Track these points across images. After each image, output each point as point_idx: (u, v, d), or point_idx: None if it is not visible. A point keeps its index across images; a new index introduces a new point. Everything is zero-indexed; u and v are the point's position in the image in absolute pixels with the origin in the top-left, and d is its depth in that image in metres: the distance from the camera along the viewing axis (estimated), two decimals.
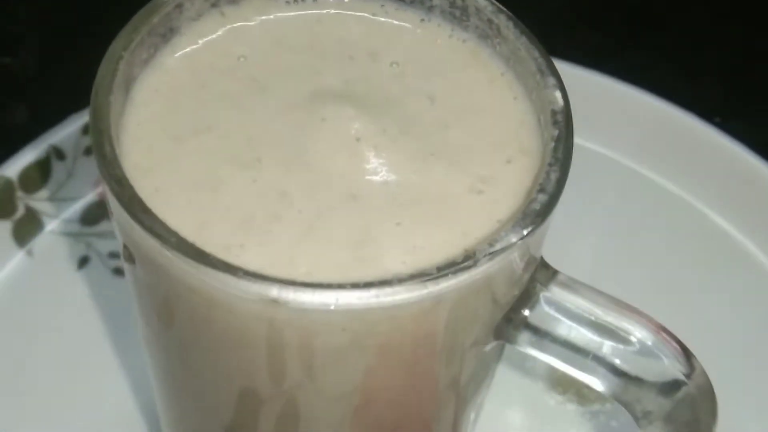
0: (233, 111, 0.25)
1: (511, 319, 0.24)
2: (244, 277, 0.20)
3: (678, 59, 0.53)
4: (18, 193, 0.42)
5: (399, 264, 0.22)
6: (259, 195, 0.23)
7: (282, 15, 0.27)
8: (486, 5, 0.26)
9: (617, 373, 0.24)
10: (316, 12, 0.27)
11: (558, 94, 0.24)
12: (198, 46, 0.26)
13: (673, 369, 0.24)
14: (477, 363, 0.26)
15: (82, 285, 0.41)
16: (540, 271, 0.24)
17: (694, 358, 0.25)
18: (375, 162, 0.24)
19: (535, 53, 0.25)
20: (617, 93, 0.47)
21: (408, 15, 0.27)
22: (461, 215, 0.23)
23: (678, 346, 0.24)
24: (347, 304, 0.20)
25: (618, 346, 0.24)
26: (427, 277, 0.20)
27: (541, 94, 0.24)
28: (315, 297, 0.20)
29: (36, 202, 0.42)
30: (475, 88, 0.26)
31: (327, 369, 0.23)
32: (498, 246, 0.21)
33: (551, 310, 0.24)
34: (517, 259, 0.22)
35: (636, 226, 0.44)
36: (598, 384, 0.24)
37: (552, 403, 0.39)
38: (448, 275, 0.21)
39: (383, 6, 0.27)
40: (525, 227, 0.21)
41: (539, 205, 0.22)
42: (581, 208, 0.43)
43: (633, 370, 0.24)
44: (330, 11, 0.27)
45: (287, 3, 0.27)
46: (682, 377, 0.24)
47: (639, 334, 0.24)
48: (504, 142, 0.25)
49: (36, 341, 0.39)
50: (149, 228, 0.21)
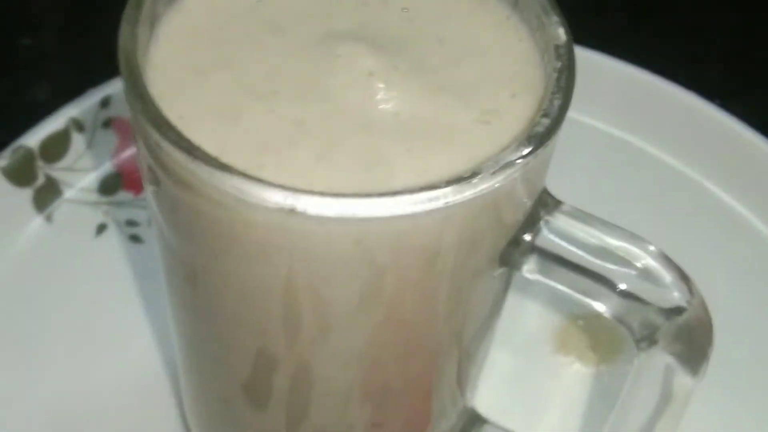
0: (251, 49, 0.26)
1: (517, 245, 0.25)
2: (263, 186, 0.21)
3: (679, 45, 0.54)
4: (38, 162, 0.43)
5: (409, 184, 0.23)
6: (277, 123, 0.24)
7: None
8: None
9: (621, 295, 0.25)
10: None
11: (561, 30, 0.25)
12: None
13: (675, 294, 0.25)
14: (484, 291, 0.27)
15: (99, 250, 0.42)
16: (545, 200, 0.25)
17: (694, 286, 0.26)
18: (386, 95, 0.25)
19: None
20: (619, 72, 0.48)
21: None
22: (468, 143, 0.24)
23: (680, 273, 0.25)
24: (360, 214, 0.21)
25: (622, 270, 0.25)
26: (436, 189, 0.22)
27: (545, 32, 0.26)
28: (330, 206, 0.21)
29: (55, 171, 0.43)
30: (482, 30, 0.27)
31: (339, 285, 0.24)
32: (503, 162, 0.22)
33: (556, 236, 0.25)
34: (522, 180, 0.23)
35: (631, 198, 0.46)
36: (601, 306, 0.25)
37: (556, 365, 0.40)
38: (455, 188, 0.22)
39: None
40: (529, 147, 0.23)
41: (542, 128, 0.23)
42: (585, 183, 0.44)
43: (637, 293, 0.25)
44: None
45: None
46: (683, 303, 0.25)
47: (644, 259, 0.25)
48: (509, 79, 0.26)
49: (55, 302, 0.40)
50: (175, 142, 0.22)
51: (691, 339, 0.25)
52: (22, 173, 0.42)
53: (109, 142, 0.45)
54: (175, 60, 0.26)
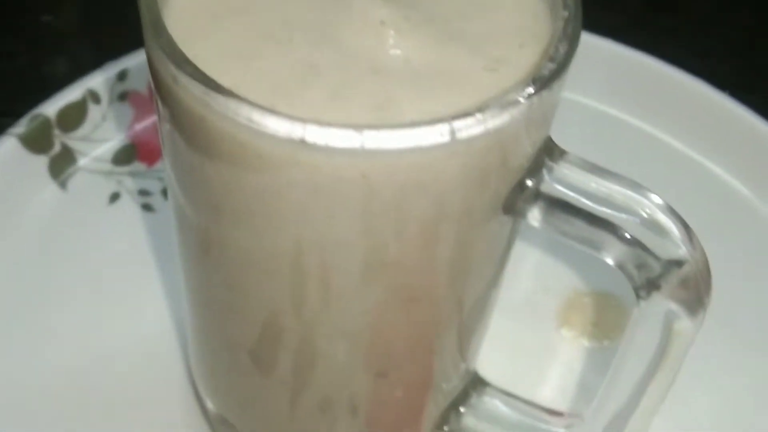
0: None
1: (522, 191, 0.26)
2: (275, 117, 0.22)
3: (688, 40, 0.55)
4: (55, 131, 0.44)
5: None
6: (290, 67, 0.25)
7: None
8: None
9: (625, 243, 0.25)
10: None
11: None
12: None
13: (678, 244, 0.25)
14: (488, 240, 0.27)
15: (112, 217, 0.43)
16: (550, 148, 0.26)
17: (696, 238, 0.26)
18: (397, 43, 0.26)
19: None
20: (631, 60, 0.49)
21: None
22: (476, 88, 0.25)
23: (683, 224, 0.26)
24: (367, 146, 0.22)
25: (627, 217, 0.25)
26: (442, 123, 0.22)
27: None
28: (338, 137, 0.22)
29: (71, 140, 0.44)
30: None
31: (346, 224, 0.24)
32: (507, 100, 0.23)
33: (561, 184, 0.26)
34: (526, 122, 0.24)
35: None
36: (605, 254, 0.26)
37: (559, 339, 0.40)
38: (460, 122, 0.22)
39: None
40: (533, 87, 0.23)
41: (547, 71, 0.24)
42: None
43: (641, 240, 0.25)
44: None
45: None
46: (685, 253, 0.25)
47: (648, 209, 0.25)
48: (518, 31, 0.27)
49: (67, 265, 0.41)
50: (191, 75, 0.23)
51: (693, 286, 0.25)
52: (39, 141, 0.43)
53: (125, 114, 0.46)
54: (193, 6, 0.26)
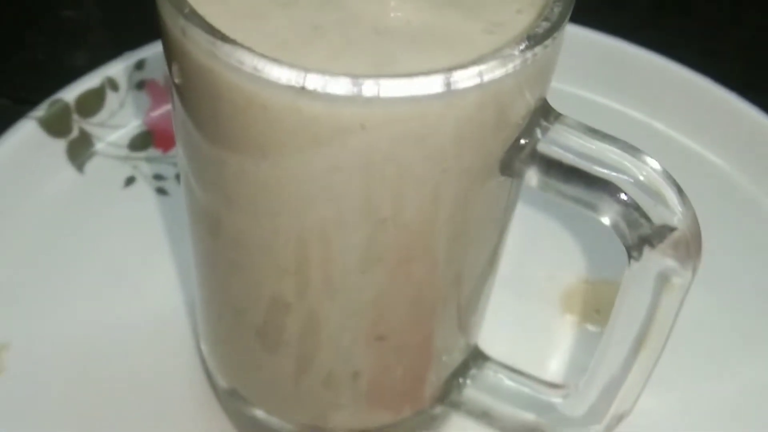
0: None
1: (519, 151, 0.26)
2: (277, 64, 0.23)
3: (698, 41, 0.56)
4: (74, 116, 0.45)
5: None
6: (295, 27, 0.26)
7: None
8: None
9: (620, 203, 0.26)
10: None
11: None
12: None
13: (672, 207, 0.26)
14: (485, 202, 0.28)
15: (127, 200, 0.44)
16: (546, 109, 0.27)
17: (689, 203, 0.26)
18: (399, 6, 0.27)
19: None
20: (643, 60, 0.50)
21: None
22: (475, 48, 0.26)
23: (677, 187, 0.26)
24: (365, 93, 0.23)
25: (623, 178, 0.26)
26: (438, 74, 0.23)
27: None
28: (337, 84, 0.23)
29: (89, 125, 0.46)
30: None
31: (345, 178, 0.25)
32: (502, 55, 0.24)
33: (557, 145, 0.26)
34: (521, 79, 0.25)
35: None
36: (600, 214, 0.26)
37: (561, 322, 0.41)
38: (456, 74, 0.23)
39: None
40: (528, 42, 0.24)
41: (542, 30, 0.25)
42: None
43: (636, 201, 0.26)
44: None
45: None
46: (679, 215, 0.26)
47: (645, 171, 0.26)
48: None
49: (83, 245, 0.42)
50: (199, 25, 0.24)
51: (684, 245, 0.26)
52: (57, 125, 0.45)
53: (142, 102, 0.47)
54: None
